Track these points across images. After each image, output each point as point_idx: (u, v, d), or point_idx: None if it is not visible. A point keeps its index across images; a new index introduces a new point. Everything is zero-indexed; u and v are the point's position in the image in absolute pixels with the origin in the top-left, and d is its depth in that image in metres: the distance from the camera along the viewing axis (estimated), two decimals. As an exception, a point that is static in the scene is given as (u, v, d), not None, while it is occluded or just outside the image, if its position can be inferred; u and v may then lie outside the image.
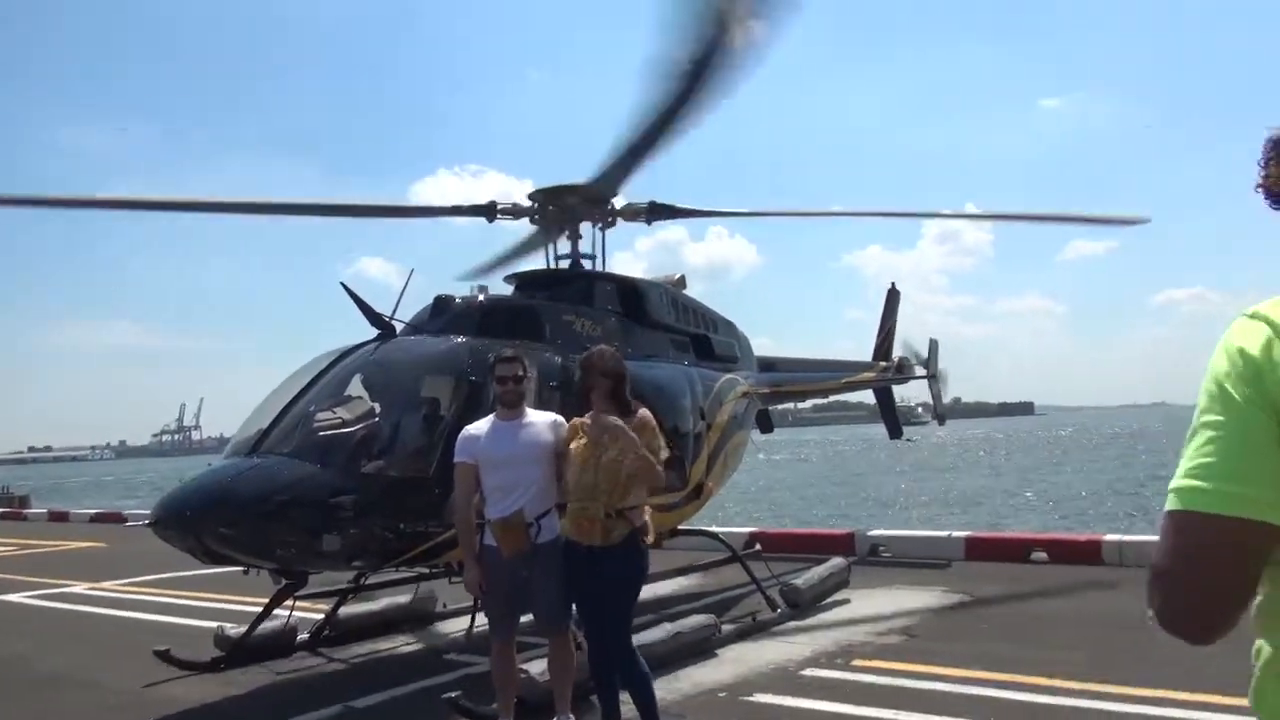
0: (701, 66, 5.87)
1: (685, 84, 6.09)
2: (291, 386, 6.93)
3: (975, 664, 6.68)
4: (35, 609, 11.12)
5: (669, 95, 6.25)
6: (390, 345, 7.20)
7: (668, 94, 6.24)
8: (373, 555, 6.54)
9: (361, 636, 8.33)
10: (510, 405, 5.38)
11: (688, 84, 6.09)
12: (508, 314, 7.88)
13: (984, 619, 8.39)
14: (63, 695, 6.95)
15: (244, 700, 6.69)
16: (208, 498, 5.98)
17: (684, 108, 6.39)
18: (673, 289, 9.92)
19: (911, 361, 16.04)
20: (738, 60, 5.71)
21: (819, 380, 13.32)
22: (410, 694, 6.66)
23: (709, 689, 6.41)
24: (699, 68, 5.90)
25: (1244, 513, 1.19)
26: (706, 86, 6.06)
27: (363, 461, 6.40)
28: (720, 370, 10.02)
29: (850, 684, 6.42)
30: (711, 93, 6.13)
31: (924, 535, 12.79)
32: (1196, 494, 1.23)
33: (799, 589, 8.68)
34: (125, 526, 22.66)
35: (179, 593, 11.50)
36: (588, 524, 5.09)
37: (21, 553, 17.33)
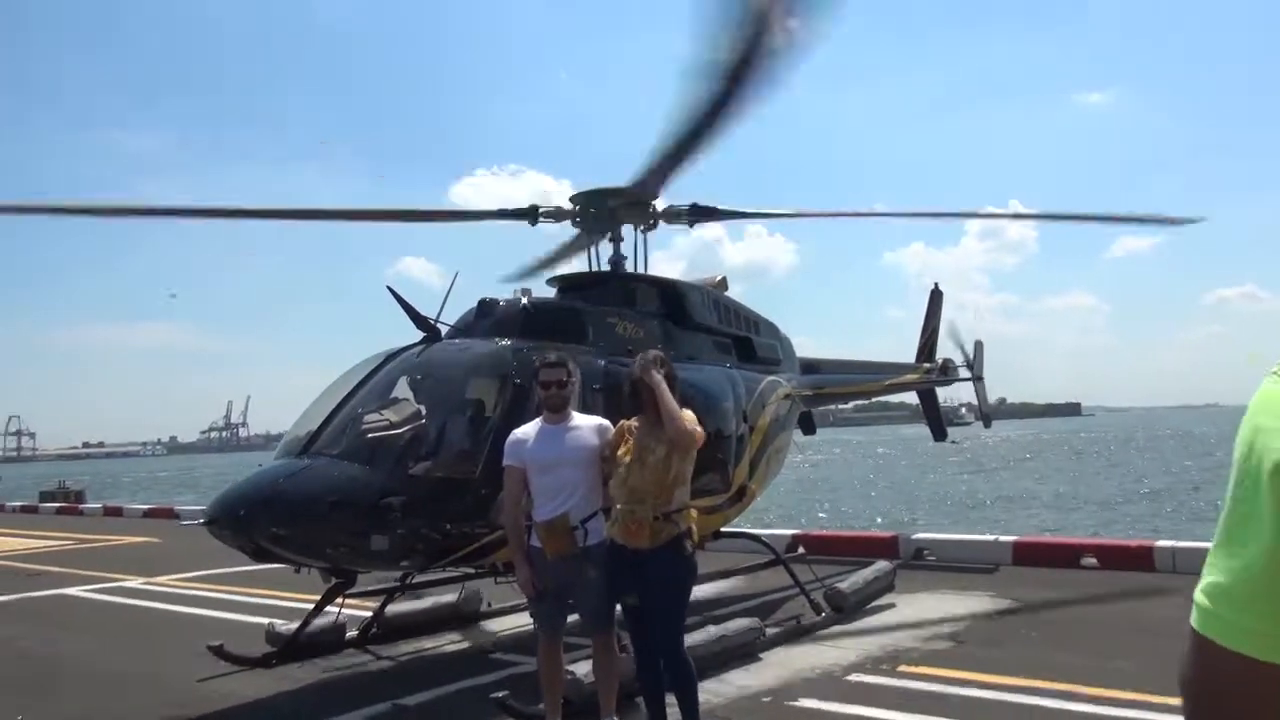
0: (743, 68, 5.81)
1: (727, 86, 6.03)
2: (340, 388, 7.04)
3: (1024, 672, 6.60)
4: (92, 603, 11.41)
5: (711, 97, 6.21)
6: (436, 348, 7.28)
7: (709, 96, 6.20)
8: (420, 555, 6.63)
9: (408, 634, 8.44)
10: (555, 409, 5.43)
11: (729, 86, 6.03)
12: (551, 316, 7.94)
13: (1033, 625, 8.28)
14: (121, 690, 7.12)
15: (295, 696, 6.81)
16: (260, 498, 6.10)
17: (726, 110, 6.35)
18: (714, 290, 9.91)
19: (955, 363, 15.87)
20: (780, 61, 5.65)
21: (862, 382, 13.22)
22: (457, 692, 6.74)
23: (753, 693, 6.40)
24: (740, 69, 5.83)
25: (1261, 654, 0.99)
26: (748, 88, 6.00)
27: (410, 463, 6.48)
28: (762, 372, 9.99)
29: (896, 690, 6.38)
30: (754, 94, 6.07)
31: (970, 539, 12.64)
32: (1211, 619, 1.05)
33: (843, 593, 8.63)
34: (178, 523, 23.26)
35: (230, 588, 11.72)
36: (635, 527, 5.12)
37: (78, 547, 17.78)
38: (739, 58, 5.73)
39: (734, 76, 5.94)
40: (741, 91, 6.09)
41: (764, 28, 5.42)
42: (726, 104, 6.29)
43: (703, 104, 6.32)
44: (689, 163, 7.34)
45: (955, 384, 16.32)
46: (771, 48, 5.57)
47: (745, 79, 5.96)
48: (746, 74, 5.89)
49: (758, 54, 5.63)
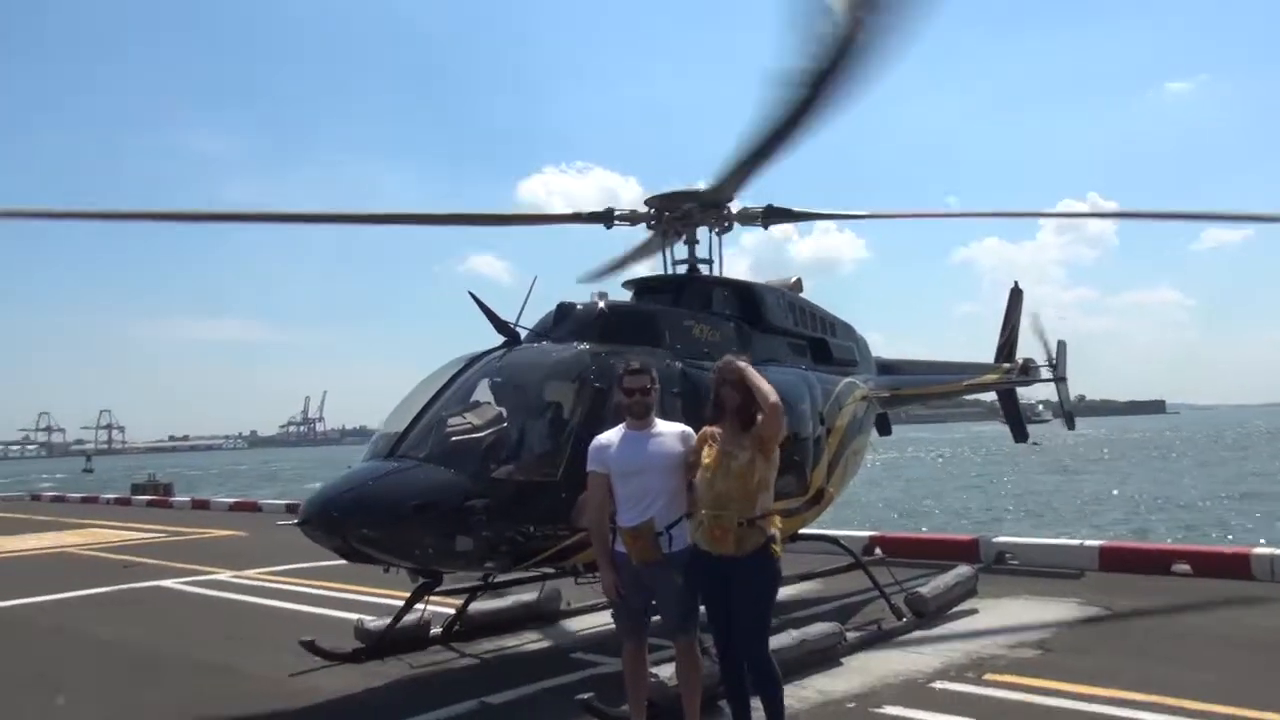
0: (833, 71, 5.74)
1: (815, 89, 5.97)
2: (425, 391, 7.18)
3: (1116, 683, 6.44)
4: (186, 595, 11.85)
5: (798, 100, 6.16)
6: (517, 352, 7.38)
7: (797, 99, 6.15)
8: (503, 557, 6.73)
9: (490, 633, 8.58)
10: (638, 416, 5.46)
11: (818, 89, 5.96)
12: (628, 320, 7.97)
13: (1124, 635, 8.06)
14: (217, 682, 7.38)
15: (384, 692, 6.98)
16: (352, 500, 6.26)
17: (813, 113, 6.28)
18: (790, 292, 9.85)
19: (1036, 363, 15.52)
20: (871, 64, 5.57)
21: (939, 383, 13.01)
22: (541, 692, 6.84)
23: (836, 699, 6.36)
24: (831, 73, 5.76)
25: None
26: (838, 91, 5.91)
27: (494, 466, 6.58)
28: (839, 374, 9.90)
29: (983, 699, 6.27)
30: (843, 97, 6.00)
31: (1054, 543, 12.35)
32: None
33: (924, 597, 8.52)
34: (263, 516, 23.99)
35: (315, 583, 12.05)
36: (721, 533, 5.13)
37: (170, 540, 18.45)
38: (829, 61, 5.65)
39: (823, 80, 5.85)
40: (830, 94, 6.00)
41: (858, 30, 5.33)
42: (814, 107, 6.22)
43: (789, 106, 6.26)
44: (769, 165, 7.29)
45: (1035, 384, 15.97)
46: (864, 50, 5.48)
47: (835, 82, 5.87)
48: (836, 77, 5.80)
49: (849, 57, 5.53)
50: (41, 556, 16.60)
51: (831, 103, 6.12)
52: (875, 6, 5.25)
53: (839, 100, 6.07)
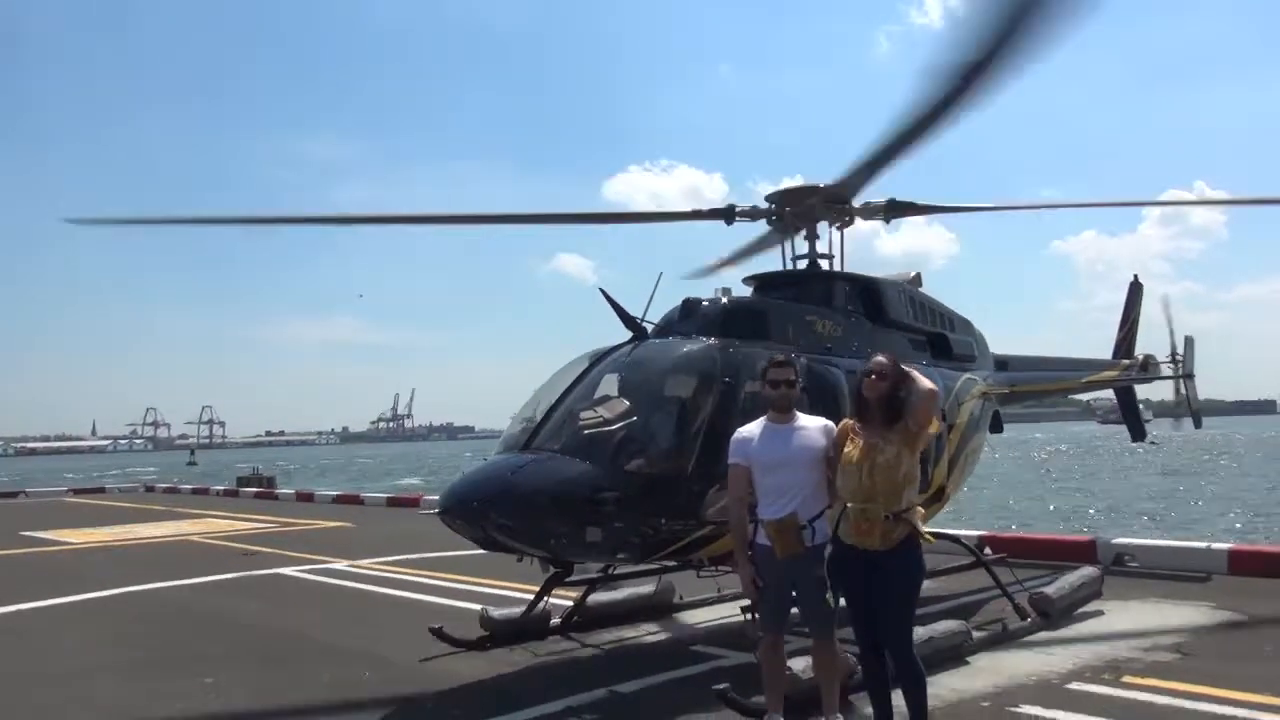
0: (984, 64, 5.66)
1: (961, 83, 5.91)
2: (557, 385, 7.33)
3: (1260, 689, 6.21)
4: (307, 582, 12.30)
5: (940, 95, 6.10)
6: (645, 347, 7.47)
7: (939, 94, 6.10)
8: (634, 548, 6.84)
9: (607, 624, 8.70)
10: (782, 409, 5.49)
11: (964, 83, 5.90)
12: (752, 315, 8.00)
13: (1264, 641, 7.76)
14: (354, 666, 7.65)
15: (516, 678, 7.16)
16: (492, 491, 6.43)
17: (954, 107, 6.22)
18: (910, 287, 9.75)
19: (1157, 359, 15.02)
20: (1023, 57, 5.48)
21: (1057, 379, 12.71)
22: (668, 682, 6.92)
23: (970, 698, 6.28)
24: (980, 66, 5.68)
25: None
26: (984, 85, 5.85)
27: (627, 459, 6.68)
28: (958, 369, 9.76)
29: (1124, 701, 6.12)
30: (988, 91, 5.93)
31: (1179, 545, 11.93)
32: None
33: (1050, 598, 8.33)
34: (364, 507, 24.74)
35: (427, 573, 12.40)
36: (868, 526, 5.12)
37: (281, 530, 19.17)
38: (983, 55, 5.57)
39: (972, 74, 5.78)
40: (977, 89, 5.92)
41: (1019, 24, 5.26)
42: (958, 102, 6.15)
43: (931, 102, 6.21)
44: (899, 160, 7.24)
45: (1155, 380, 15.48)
46: (1020, 44, 5.39)
47: (984, 76, 5.80)
48: (987, 71, 5.72)
49: (1004, 51, 5.45)
50: (168, 543, 17.44)
51: (976, 98, 6.04)
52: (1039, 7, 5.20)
53: (984, 95, 5.98)
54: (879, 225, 9.45)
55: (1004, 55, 5.57)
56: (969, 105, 6.19)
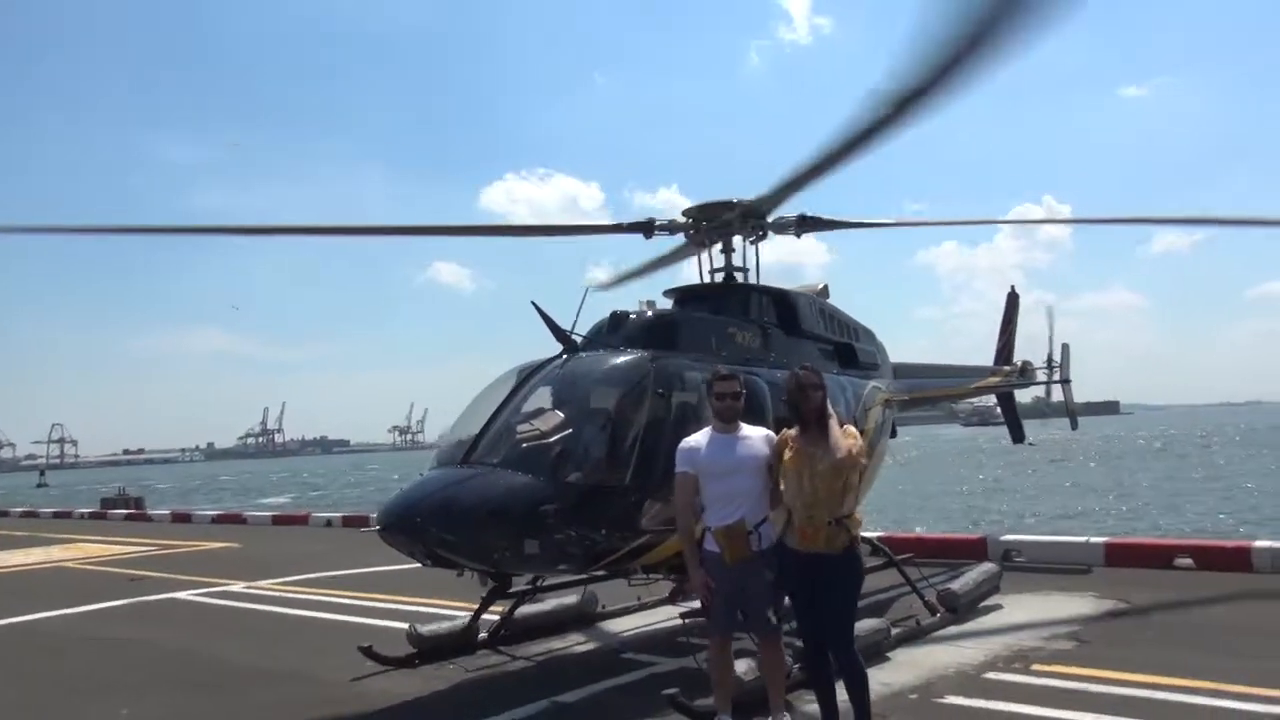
0: (924, 90, 5.88)
1: (898, 108, 6.13)
2: (490, 399, 7.33)
3: (1163, 671, 6.76)
4: (205, 606, 11.82)
5: (877, 118, 6.35)
6: (579, 360, 7.56)
7: (865, 120, 6.36)
8: (576, 559, 6.91)
9: (535, 636, 8.72)
10: (728, 420, 5.69)
11: (901, 107, 6.09)
12: (677, 327, 8.20)
13: (1150, 626, 8.44)
14: (285, 687, 7.45)
15: (454, 693, 7.12)
16: (433, 506, 6.39)
17: (887, 130, 6.47)
18: (819, 299, 10.15)
19: (1033, 365, 16.01)
20: (967, 79, 5.65)
21: (950, 386, 13.42)
22: (607, 690, 7.02)
23: (897, 691, 6.62)
24: (921, 91, 5.90)
25: None
26: (919, 109, 6.08)
27: (566, 471, 6.75)
28: (864, 378, 10.21)
29: (1038, 688, 6.56)
30: (915, 119, 6.19)
31: (1061, 540, 12.78)
32: None
33: (957, 594, 8.82)
34: (248, 527, 23.82)
35: (332, 592, 12.12)
36: (812, 531, 5.37)
37: (165, 553, 18.28)
38: (925, 81, 5.77)
39: (911, 99, 5.98)
40: (913, 113, 6.15)
41: (953, 58, 5.46)
42: (883, 128, 6.41)
43: (857, 127, 6.46)
44: (821, 179, 7.54)
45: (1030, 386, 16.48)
46: (951, 78, 5.61)
47: (922, 101, 6.01)
48: (926, 97, 5.91)
49: (950, 76, 5.62)
50: (40, 571, 16.41)
51: (906, 122, 6.28)
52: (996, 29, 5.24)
53: (913, 120, 6.23)
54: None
55: (941, 83, 5.79)
56: (897, 129, 6.46)
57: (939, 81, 5.75)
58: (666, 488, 6.91)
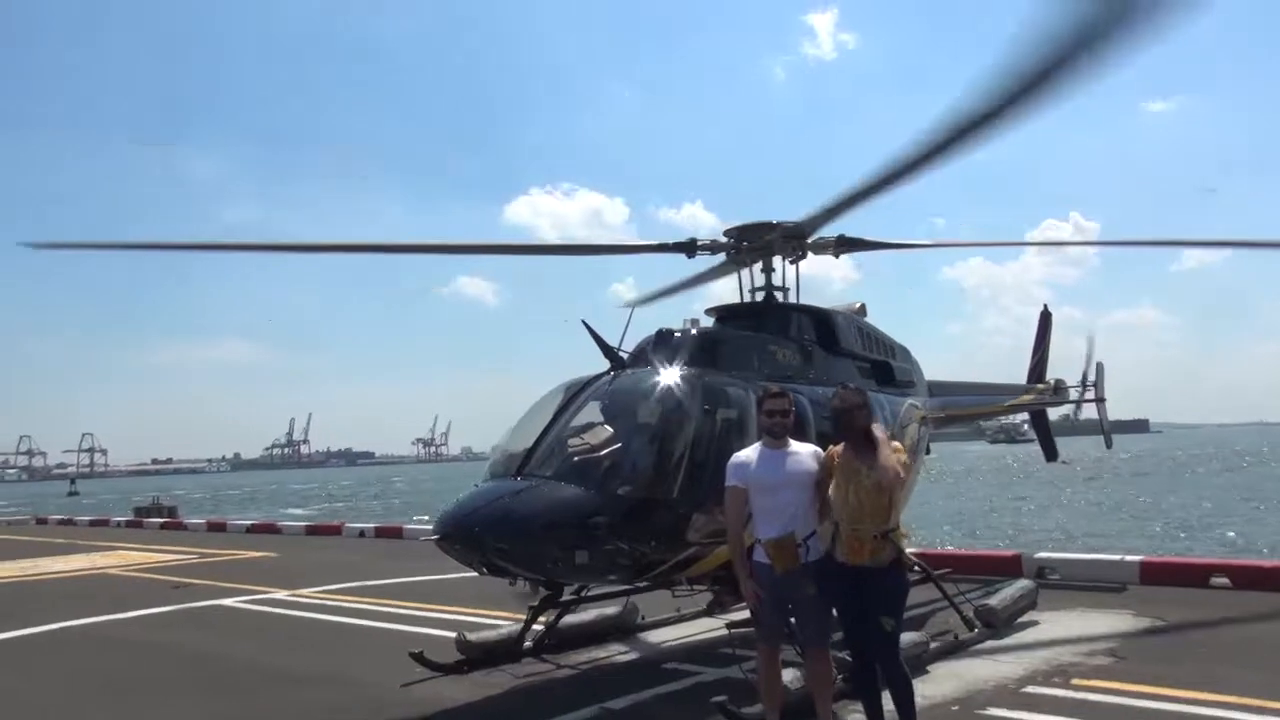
0: (995, 114, 5.85)
1: (945, 139, 6.22)
2: (541, 413, 7.55)
3: (1204, 687, 6.85)
4: (253, 613, 12.09)
5: (920, 151, 6.48)
6: (628, 377, 7.77)
7: (918, 149, 6.47)
8: (625, 570, 7.10)
9: (576, 645, 8.91)
10: (778, 436, 5.88)
11: (966, 132, 6.13)
12: (722, 346, 8.40)
13: (1190, 643, 8.51)
14: (338, 692, 7.68)
15: (505, 700, 7.33)
16: (491, 516, 6.61)
17: (932, 162, 6.60)
18: (856, 317, 10.33)
19: (1066, 384, 16.07)
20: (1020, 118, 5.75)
21: (984, 404, 13.52)
22: (654, 699, 7.19)
23: (940, 703, 6.75)
24: (990, 116, 5.88)
25: None
26: (971, 141, 6.13)
27: (618, 484, 6.95)
28: (901, 396, 10.36)
29: (1078, 702, 6.67)
30: (971, 147, 6.27)
31: (1096, 558, 12.81)
32: None
33: (994, 609, 8.93)
34: (282, 536, 24.19)
35: (374, 600, 12.36)
36: (858, 545, 5.55)
37: (205, 561, 18.62)
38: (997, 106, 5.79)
39: (962, 131, 6.08)
40: (961, 145, 6.26)
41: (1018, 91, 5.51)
42: (936, 157, 6.51)
43: (909, 155, 6.59)
44: (868, 202, 7.71)
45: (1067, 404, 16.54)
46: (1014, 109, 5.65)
47: (992, 125, 6.02)
48: (977, 130, 6.00)
49: (999, 115, 5.74)
50: (84, 578, 16.77)
51: (961, 151, 6.37)
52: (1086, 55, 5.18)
53: (969, 148, 6.30)
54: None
55: (1005, 112, 5.82)
56: (949, 157, 6.56)
57: (1003, 111, 5.80)
58: (712, 502, 7.12)
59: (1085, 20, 5.02)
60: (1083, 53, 5.19)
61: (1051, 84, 5.50)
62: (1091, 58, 5.24)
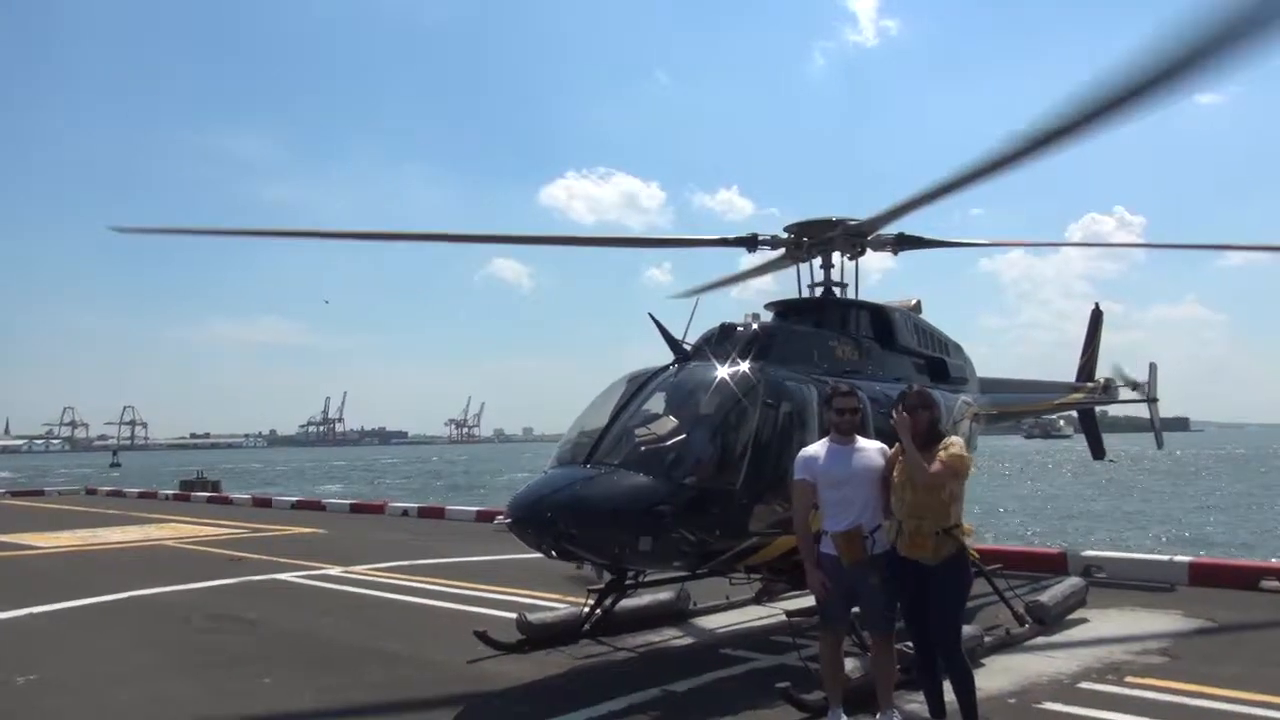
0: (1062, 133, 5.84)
1: (1027, 147, 6.22)
2: (606, 403, 7.78)
3: (1248, 687, 6.93)
4: (313, 589, 12.44)
5: (999, 156, 6.52)
6: (693, 369, 7.96)
7: (997, 155, 6.50)
8: (689, 558, 7.31)
9: (631, 629, 9.13)
10: (845, 433, 6.05)
11: (1029, 147, 6.17)
12: (783, 341, 8.56)
13: (1242, 644, 8.56)
14: (404, 668, 7.96)
15: (570, 678, 7.56)
16: (563, 501, 6.84)
17: (1008, 167, 6.65)
18: (912, 314, 10.42)
19: (1118, 383, 16.05)
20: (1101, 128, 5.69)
21: (1034, 401, 13.57)
22: (714, 681, 7.40)
23: (995, 695, 6.88)
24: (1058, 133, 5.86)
25: None
26: (1053, 147, 6.09)
27: (684, 474, 7.16)
28: (954, 392, 10.45)
29: (1133, 699, 6.77)
30: (1049, 152, 6.26)
31: (1144, 558, 12.83)
32: None
33: (1046, 606, 9.02)
34: (327, 514, 24.67)
35: (424, 579, 12.70)
36: (920, 540, 5.71)
37: (256, 536, 19.09)
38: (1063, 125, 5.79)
39: (1045, 140, 6.06)
40: (1041, 152, 6.29)
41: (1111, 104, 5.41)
42: (1014, 162, 6.55)
43: (987, 160, 6.65)
44: (936, 203, 7.79)
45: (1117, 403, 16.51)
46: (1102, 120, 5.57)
47: (1058, 141, 6.02)
48: (1061, 138, 5.96)
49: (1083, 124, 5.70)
50: (144, 548, 17.31)
51: (1038, 157, 6.39)
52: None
53: (1046, 154, 6.31)
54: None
55: (1093, 120, 5.74)
56: (1024, 163, 6.60)
57: (1092, 118, 5.73)
58: (773, 493, 7.31)
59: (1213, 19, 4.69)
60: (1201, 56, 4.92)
61: (1151, 91, 5.31)
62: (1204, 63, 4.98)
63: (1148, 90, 5.35)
